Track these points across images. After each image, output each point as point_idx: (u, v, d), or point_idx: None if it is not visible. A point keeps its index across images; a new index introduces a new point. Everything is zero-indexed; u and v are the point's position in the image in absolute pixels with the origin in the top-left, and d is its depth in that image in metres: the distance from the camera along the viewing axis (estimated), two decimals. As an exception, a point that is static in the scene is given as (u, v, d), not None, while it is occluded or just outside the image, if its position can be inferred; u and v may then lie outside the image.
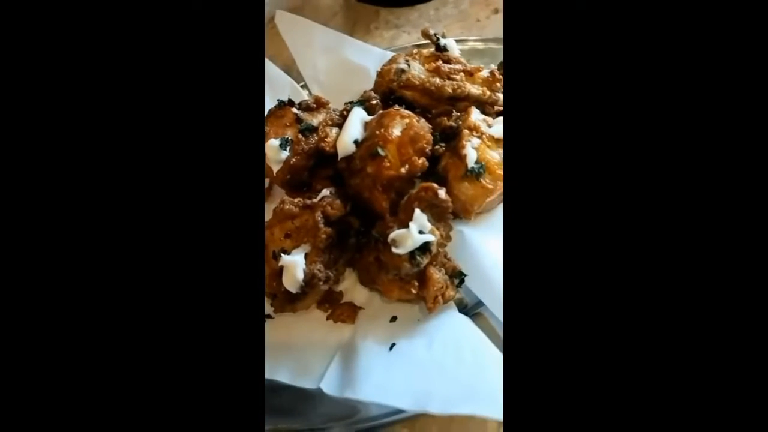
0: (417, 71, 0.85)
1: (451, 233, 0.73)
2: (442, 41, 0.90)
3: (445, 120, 0.82)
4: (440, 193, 0.70)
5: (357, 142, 0.77)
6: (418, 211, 0.68)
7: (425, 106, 0.85)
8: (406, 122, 0.76)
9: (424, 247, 0.67)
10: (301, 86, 1.02)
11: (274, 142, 0.80)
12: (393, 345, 0.67)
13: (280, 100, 0.87)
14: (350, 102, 0.88)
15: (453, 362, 0.63)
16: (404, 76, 0.84)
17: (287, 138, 0.81)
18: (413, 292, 0.69)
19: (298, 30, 1.05)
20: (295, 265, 0.68)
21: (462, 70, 0.86)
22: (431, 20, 1.23)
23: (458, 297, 0.72)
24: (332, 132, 0.81)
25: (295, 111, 0.85)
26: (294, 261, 0.69)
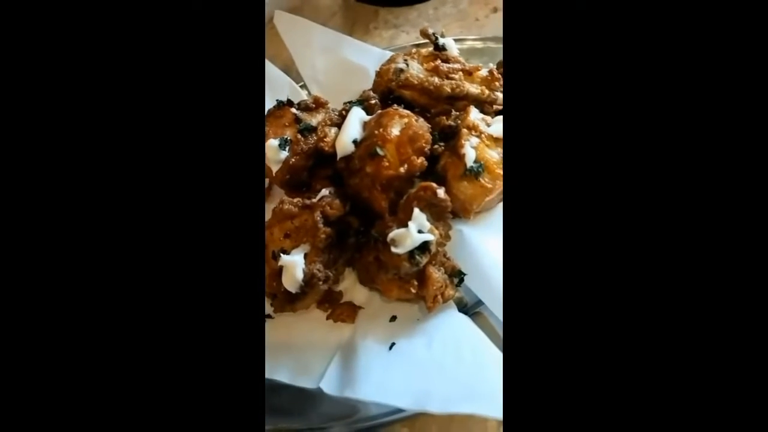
0: (416, 71, 0.85)
1: (451, 232, 0.73)
2: (441, 40, 0.90)
3: (444, 119, 0.81)
4: (439, 192, 0.70)
5: (356, 142, 0.77)
6: (417, 211, 0.68)
7: (424, 105, 0.85)
8: (405, 122, 0.76)
9: (424, 247, 0.67)
10: (300, 86, 1.02)
11: (273, 143, 0.80)
12: (393, 344, 0.67)
13: (278, 100, 0.87)
14: (349, 102, 0.88)
15: (452, 361, 0.63)
16: (403, 76, 0.84)
17: (286, 138, 0.81)
18: (413, 291, 0.69)
19: (297, 30, 1.05)
20: (294, 265, 0.68)
21: (461, 70, 0.86)
22: (430, 19, 1.23)
23: (458, 296, 0.72)
24: (331, 132, 0.81)
25: (294, 111, 0.85)
26: (293, 261, 0.69)
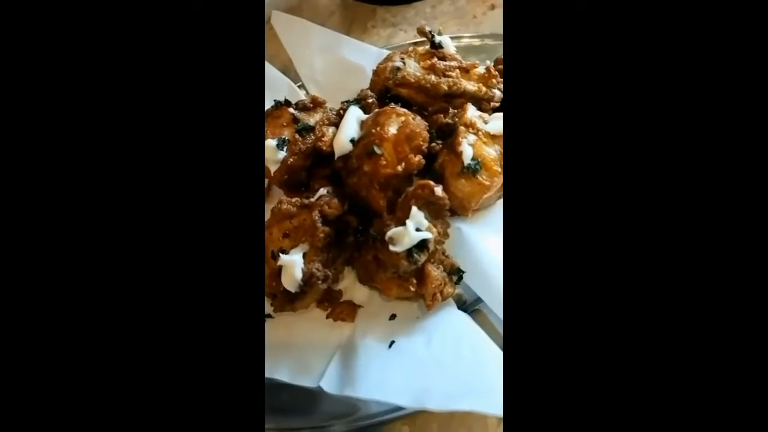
0: (412, 69, 0.85)
1: (449, 230, 0.73)
2: (437, 38, 0.89)
3: (441, 117, 0.81)
4: (437, 190, 0.70)
5: (353, 141, 0.77)
6: (415, 209, 0.68)
7: (421, 103, 0.85)
8: (402, 120, 0.76)
9: (422, 245, 0.67)
10: (299, 86, 1.02)
11: (271, 143, 0.80)
12: (392, 342, 0.67)
13: (276, 101, 0.87)
14: (346, 101, 0.88)
15: (452, 359, 0.63)
16: (400, 74, 0.84)
17: (284, 138, 0.81)
18: (412, 289, 0.69)
19: (295, 30, 1.05)
20: (293, 264, 0.69)
21: (458, 67, 0.86)
22: (428, 17, 1.23)
23: (457, 294, 0.72)
24: (329, 131, 0.81)
25: (292, 111, 0.85)
26: (292, 260, 0.69)
